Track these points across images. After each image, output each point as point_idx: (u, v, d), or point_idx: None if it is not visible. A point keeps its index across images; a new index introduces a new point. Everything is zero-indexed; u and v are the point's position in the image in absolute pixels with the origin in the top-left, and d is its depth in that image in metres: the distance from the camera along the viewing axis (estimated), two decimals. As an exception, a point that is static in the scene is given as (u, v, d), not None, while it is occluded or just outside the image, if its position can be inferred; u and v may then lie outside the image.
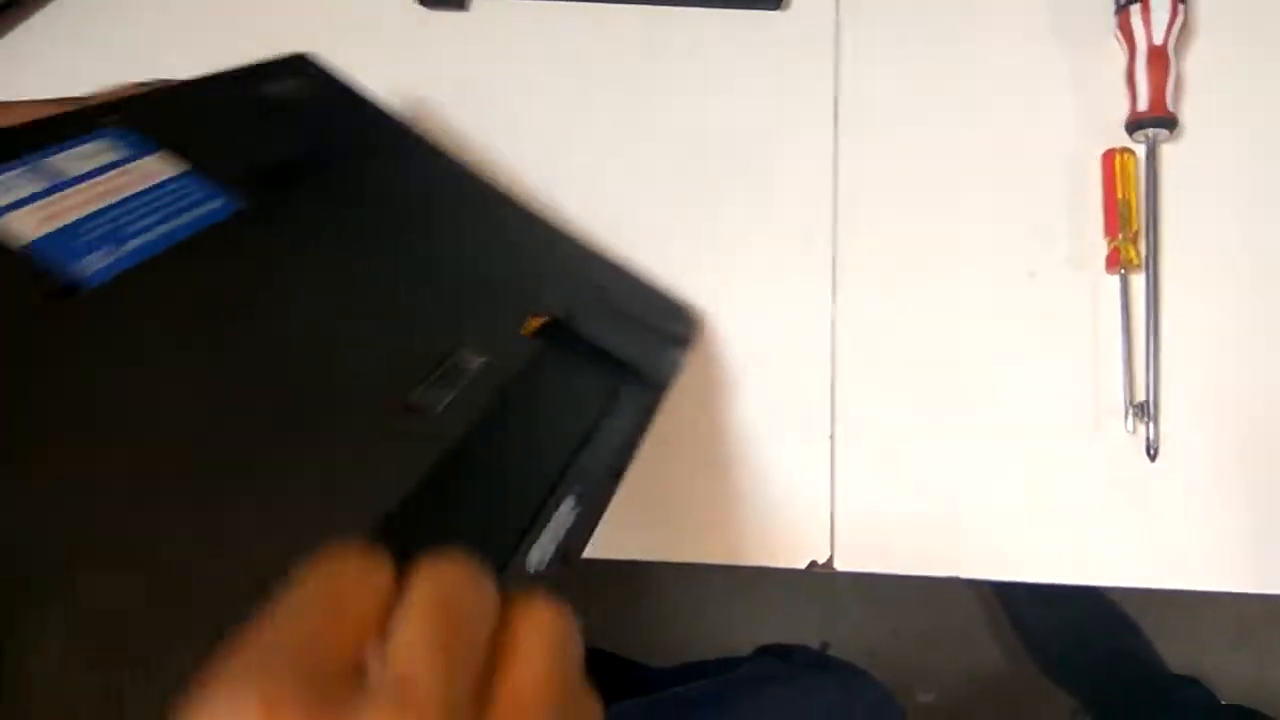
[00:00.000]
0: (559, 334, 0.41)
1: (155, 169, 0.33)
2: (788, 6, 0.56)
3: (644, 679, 0.76)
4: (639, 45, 0.57)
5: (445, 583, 0.21)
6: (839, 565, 0.50)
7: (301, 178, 0.40)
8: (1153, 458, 0.49)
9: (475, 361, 0.35)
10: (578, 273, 0.49)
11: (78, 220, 0.28)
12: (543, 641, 0.22)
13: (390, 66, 0.58)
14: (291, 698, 0.17)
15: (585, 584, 1.21)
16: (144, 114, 0.35)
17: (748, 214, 0.54)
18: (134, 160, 0.33)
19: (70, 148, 0.31)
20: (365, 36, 0.59)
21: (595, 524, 0.33)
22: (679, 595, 1.28)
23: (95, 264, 0.27)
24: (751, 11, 0.56)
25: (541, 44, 0.58)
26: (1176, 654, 1.17)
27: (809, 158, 0.54)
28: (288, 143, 0.42)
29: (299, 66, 0.47)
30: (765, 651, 0.83)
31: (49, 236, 0.27)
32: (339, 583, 0.20)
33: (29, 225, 0.27)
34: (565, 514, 0.32)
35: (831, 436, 0.51)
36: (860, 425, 0.51)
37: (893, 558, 0.49)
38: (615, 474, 0.37)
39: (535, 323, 0.41)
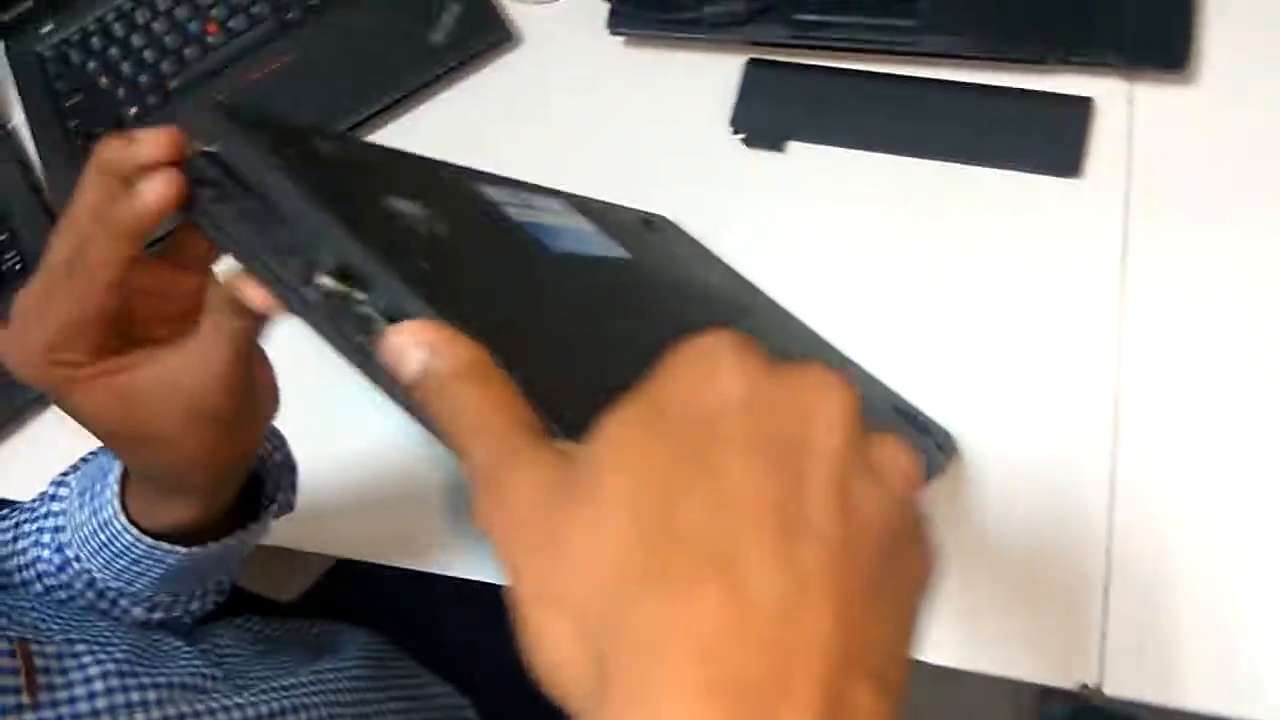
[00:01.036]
0: None
1: (584, 225, 0.50)
2: (1084, 175, 0.62)
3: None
4: (937, 197, 0.64)
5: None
6: (1108, 690, 0.54)
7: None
8: None
9: None
10: (856, 376, 0.58)
11: (539, 222, 0.45)
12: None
13: (707, 194, 0.67)
14: (757, 353, 0.25)
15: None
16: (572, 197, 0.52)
17: (1030, 355, 0.60)
18: (570, 215, 0.50)
19: (536, 194, 0.49)
20: (690, 165, 0.68)
21: None
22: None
23: (551, 243, 0.44)
24: (1049, 177, 0.62)
25: (846, 189, 0.65)
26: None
27: (1092, 316, 0.60)
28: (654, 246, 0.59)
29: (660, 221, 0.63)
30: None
31: (526, 222, 0.44)
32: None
33: (515, 213, 0.44)
34: None
35: (1108, 556, 0.56)
36: (1137, 554, 0.55)
37: (1162, 688, 0.54)
38: None
39: None
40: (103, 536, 0.45)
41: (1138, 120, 0.63)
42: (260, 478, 0.49)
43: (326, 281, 0.29)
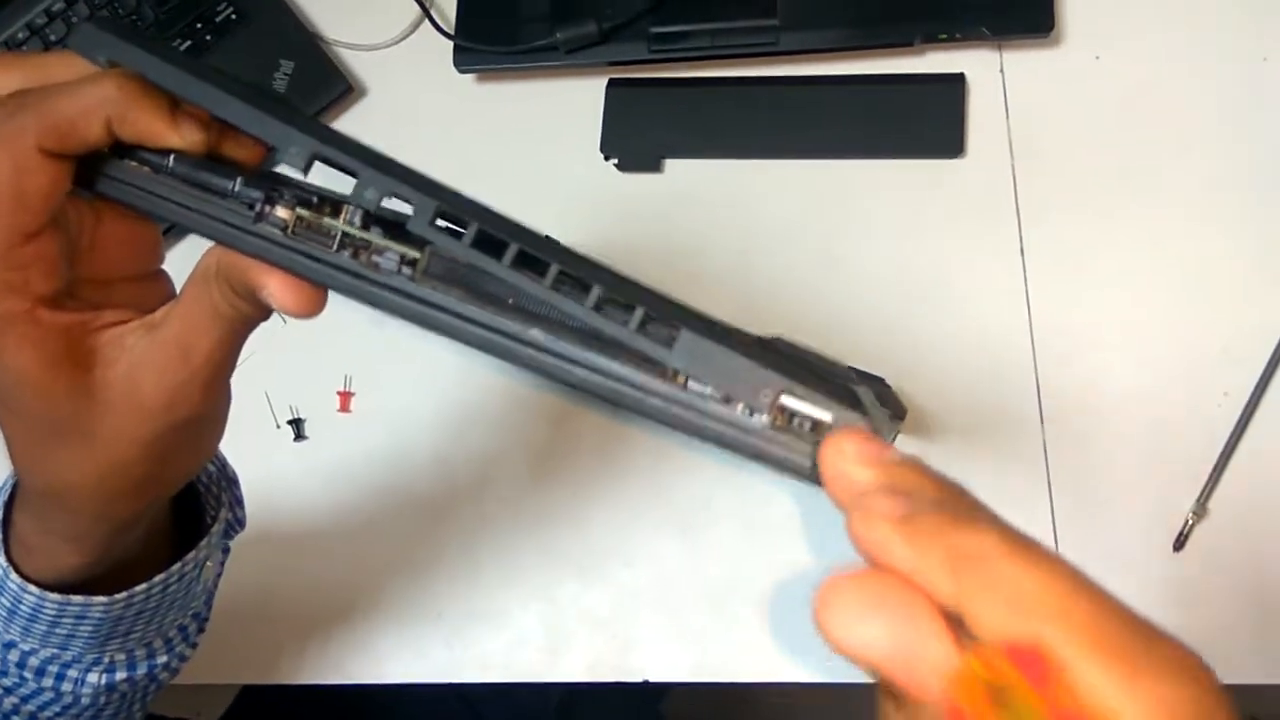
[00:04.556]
0: None
1: None
2: (966, 152, 0.61)
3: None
4: (827, 197, 0.62)
5: None
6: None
7: None
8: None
9: None
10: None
11: None
12: None
13: (590, 226, 0.63)
14: None
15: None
16: None
17: (948, 342, 0.58)
18: None
19: None
20: (567, 198, 0.64)
21: None
22: None
23: None
24: (933, 161, 0.61)
25: (734, 201, 0.63)
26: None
27: (1002, 286, 0.59)
28: None
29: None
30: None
31: None
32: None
33: None
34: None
35: (1055, 543, 0.55)
36: (1082, 530, 0.55)
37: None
38: None
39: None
40: (5, 600, 0.37)
41: (1011, 89, 0.62)
42: (195, 496, 0.41)
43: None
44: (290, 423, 0.62)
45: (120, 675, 0.41)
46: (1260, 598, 0.53)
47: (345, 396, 0.62)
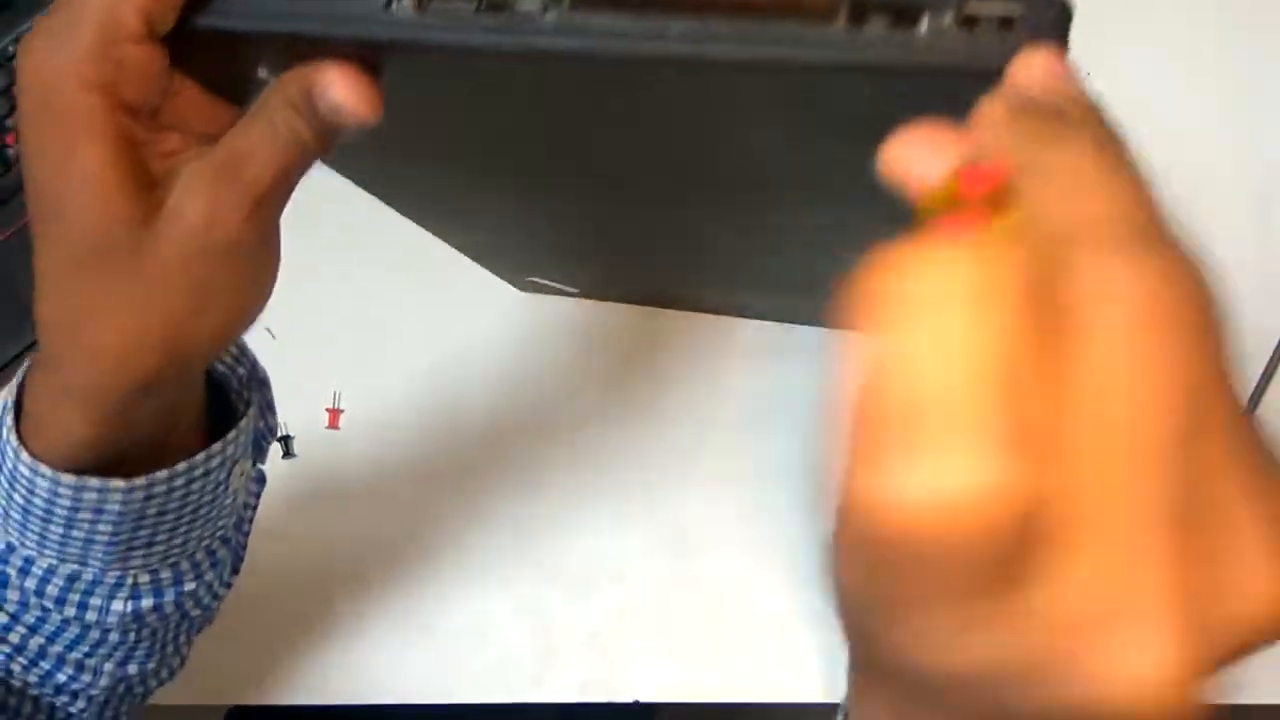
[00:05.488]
0: None
1: None
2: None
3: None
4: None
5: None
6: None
7: None
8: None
9: None
10: None
11: None
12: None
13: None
14: None
15: None
16: None
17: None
18: None
19: None
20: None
21: None
22: None
23: None
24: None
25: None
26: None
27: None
28: None
29: None
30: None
31: None
32: None
33: None
34: None
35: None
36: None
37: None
38: None
39: None
40: (18, 497, 0.34)
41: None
42: (227, 404, 0.39)
43: None
44: (279, 439, 0.62)
45: (146, 602, 0.38)
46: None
47: (334, 414, 0.62)
